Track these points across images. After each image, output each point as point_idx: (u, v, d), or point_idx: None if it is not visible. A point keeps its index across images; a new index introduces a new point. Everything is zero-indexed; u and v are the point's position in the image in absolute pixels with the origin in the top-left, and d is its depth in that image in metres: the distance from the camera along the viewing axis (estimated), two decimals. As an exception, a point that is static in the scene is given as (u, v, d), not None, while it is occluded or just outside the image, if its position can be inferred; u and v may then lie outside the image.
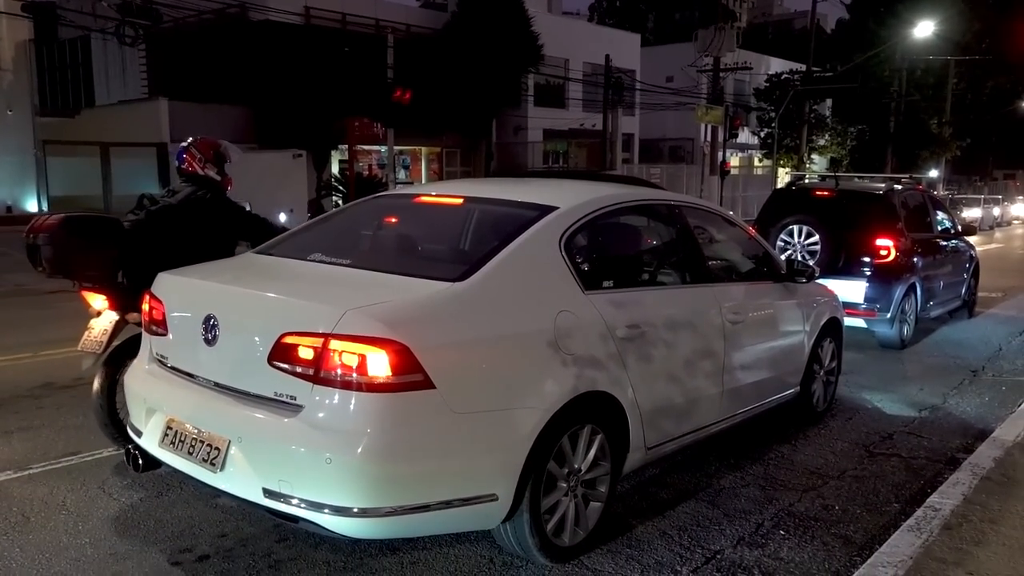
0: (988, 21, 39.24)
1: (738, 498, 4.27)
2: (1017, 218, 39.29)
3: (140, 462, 3.52)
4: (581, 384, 3.38)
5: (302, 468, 2.88)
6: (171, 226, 4.56)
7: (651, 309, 3.96)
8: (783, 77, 34.34)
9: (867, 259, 7.98)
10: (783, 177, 36.16)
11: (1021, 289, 13.39)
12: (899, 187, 8.95)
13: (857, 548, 3.72)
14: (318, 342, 2.88)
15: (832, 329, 5.73)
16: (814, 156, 36.65)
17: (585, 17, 58.70)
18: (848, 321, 7.23)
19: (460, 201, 4.25)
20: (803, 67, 33.49)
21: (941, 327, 9.51)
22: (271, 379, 3.01)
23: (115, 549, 3.54)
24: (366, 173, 27.18)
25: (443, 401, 2.93)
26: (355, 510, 2.84)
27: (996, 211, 35.26)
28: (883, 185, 8.96)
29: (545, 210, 3.70)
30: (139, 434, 3.53)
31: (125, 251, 4.31)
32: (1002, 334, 9.14)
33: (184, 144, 5.04)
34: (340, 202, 25.29)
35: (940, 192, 38.44)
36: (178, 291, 3.59)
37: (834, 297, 5.93)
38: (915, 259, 8.31)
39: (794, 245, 8.07)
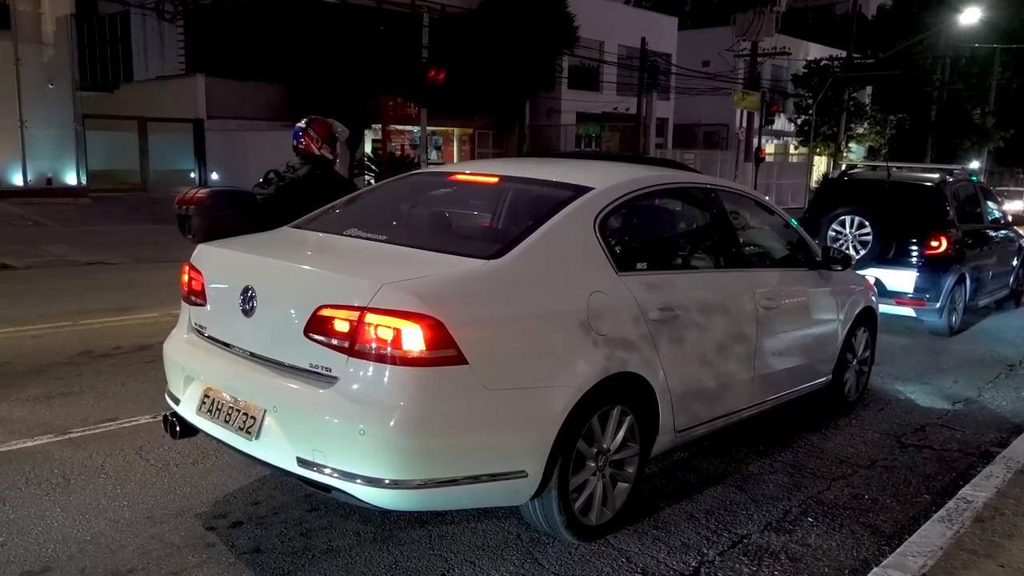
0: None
1: (766, 484, 4.26)
2: None
3: (178, 429, 3.58)
4: (612, 365, 3.40)
5: (336, 438, 2.93)
6: (296, 200, 4.72)
7: (685, 292, 3.95)
8: (822, 63, 33.72)
9: (918, 250, 8.11)
10: (819, 165, 35.71)
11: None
12: (951, 178, 8.91)
13: (886, 538, 3.70)
14: (354, 315, 2.91)
15: (866, 318, 5.69)
16: (851, 144, 36.03)
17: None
18: (898, 310, 8.09)
19: (495, 180, 4.25)
20: (843, 53, 32.88)
21: (979, 320, 9.35)
22: (307, 350, 3.04)
23: (152, 512, 3.63)
24: (398, 153, 27.27)
25: (475, 377, 2.96)
26: (387, 481, 2.89)
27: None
28: (936, 176, 8.89)
29: (580, 190, 3.69)
30: (177, 401, 3.60)
31: (259, 222, 4.41)
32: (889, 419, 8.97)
33: (301, 125, 5.30)
34: (372, 181, 25.45)
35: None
36: (217, 262, 3.65)
37: (870, 286, 5.88)
38: (965, 250, 8.41)
39: (845, 235, 8.21)
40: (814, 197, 9.58)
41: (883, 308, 7.52)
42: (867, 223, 8.09)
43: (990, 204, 9.75)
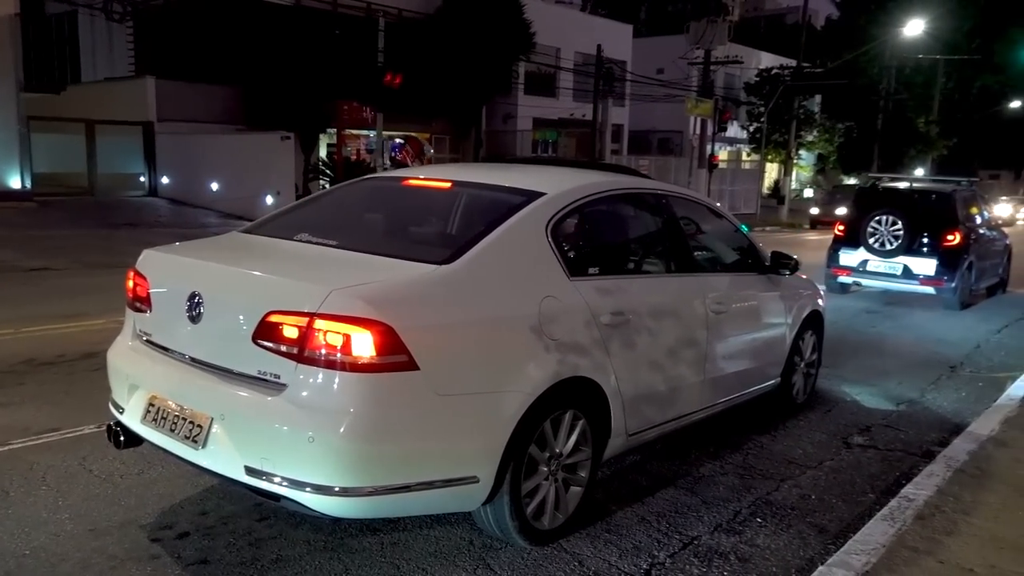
0: (978, 21, 39.43)
1: (716, 486, 4.32)
2: (1000, 218, 39.54)
3: (121, 439, 3.47)
4: (564, 369, 3.41)
5: (285, 446, 2.88)
6: None
7: (636, 297, 3.98)
8: (773, 72, 34.41)
9: (937, 242, 10.34)
10: (771, 172, 36.35)
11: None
12: (959, 187, 11.42)
13: (832, 536, 3.77)
14: (303, 321, 2.87)
15: (813, 322, 5.81)
16: (802, 152, 36.80)
17: (578, 6, 58.46)
18: (922, 289, 10.52)
19: (448, 185, 4.24)
20: (794, 63, 33.58)
21: (923, 323, 9.61)
22: (255, 357, 2.99)
23: (95, 525, 3.55)
24: (354, 157, 27.05)
25: (427, 382, 2.94)
26: (336, 489, 2.85)
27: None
28: (948, 186, 11.42)
29: (532, 196, 3.70)
30: (121, 410, 3.51)
31: None
32: (982, 331, 9.25)
33: (400, 141, 6.06)
34: (327, 186, 25.19)
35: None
36: (162, 268, 3.57)
37: (817, 290, 6.01)
38: (970, 244, 10.63)
39: (882, 231, 10.53)
40: (853, 202, 11.76)
41: (909, 287, 10.69)
42: (899, 221, 10.37)
43: (984, 209, 12.04)
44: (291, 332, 2.90)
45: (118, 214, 17.04)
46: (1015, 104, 41.66)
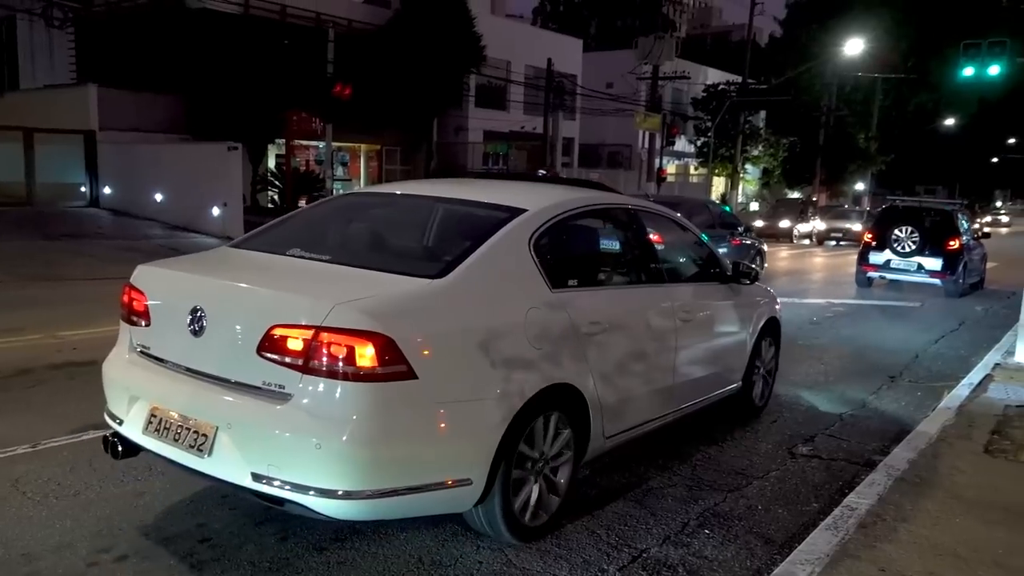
0: (913, 41, 40.84)
1: (665, 498, 4.35)
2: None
3: (119, 449, 3.53)
4: (548, 377, 3.60)
5: (291, 453, 3.00)
6: None
7: (611, 307, 4.20)
8: (719, 88, 35.11)
9: (943, 246, 13.85)
10: (718, 186, 37.02)
11: (939, 299, 13.93)
12: (956, 206, 15.60)
13: (778, 546, 3.83)
14: (308, 334, 2.99)
15: (771, 329, 6.05)
16: (748, 166, 37.56)
17: (528, 20, 58.95)
18: (931, 280, 14.11)
19: (432, 201, 4.44)
20: (739, 79, 34.31)
21: (865, 333, 9.86)
22: (259, 369, 3.10)
23: (28, 550, 3.41)
24: (303, 168, 26.77)
25: (424, 391, 3.10)
26: (340, 492, 2.98)
27: None
28: (949, 206, 15.29)
29: (515, 212, 3.86)
30: (119, 421, 3.56)
31: None
32: (920, 341, 9.53)
33: (543, 172, 6.94)
34: (276, 197, 24.86)
35: (867, 205, 39.80)
36: (161, 283, 3.66)
37: (774, 298, 6.24)
38: (965, 249, 14.03)
39: (902, 237, 14.09)
40: (879, 216, 15.79)
41: (921, 279, 14.21)
42: (916, 231, 14.00)
43: (970, 224, 15.92)
44: (295, 344, 3.02)
45: (57, 225, 16.55)
46: (949, 121, 43.21)
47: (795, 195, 38.81)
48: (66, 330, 7.76)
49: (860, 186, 42.75)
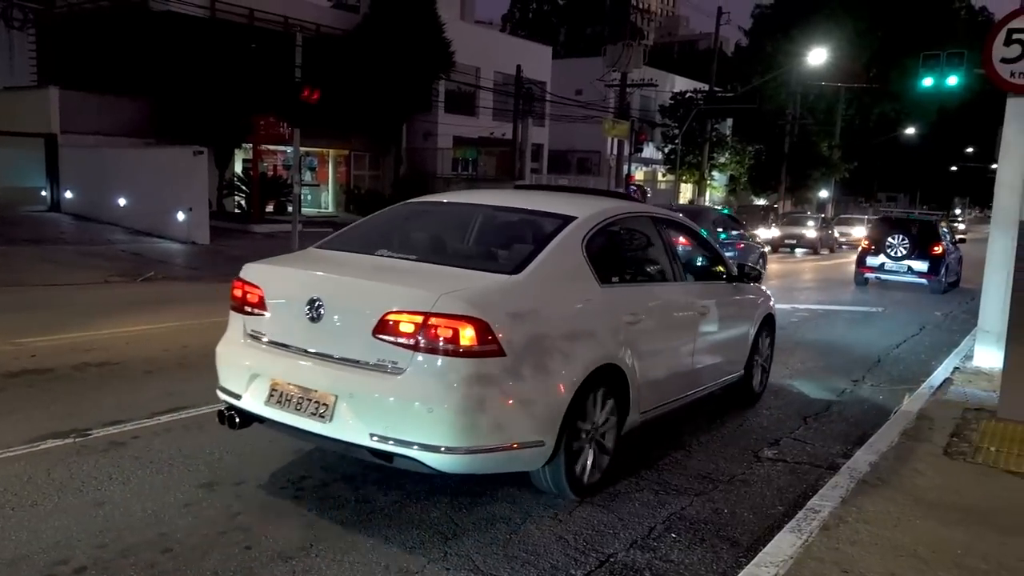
0: (875, 51, 41.63)
1: (632, 503, 4.37)
2: None
3: (237, 420, 4.13)
4: (600, 358, 4.26)
5: (405, 416, 3.61)
6: None
7: (646, 301, 4.91)
8: (687, 96, 35.45)
9: (928, 251, 16.19)
10: (686, 192, 37.36)
11: (901, 304, 14.21)
12: (939, 217, 18.74)
13: (743, 550, 3.86)
14: (419, 319, 3.61)
15: (768, 324, 6.74)
16: (715, 173, 37.96)
17: (498, 27, 59.10)
18: (919, 280, 16.27)
19: (493, 209, 5.11)
20: (706, 87, 34.68)
21: (829, 339, 10.01)
22: (375, 348, 3.72)
23: (-17, 562, 3.33)
24: (271, 173, 26.53)
25: (510, 365, 3.74)
26: (442, 449, 3.60)
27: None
28: (933, 217, 18.64)
29: (568, 219, 4.52)
30: (237, 396, 4.13)
31: None
32: (882, 346, 9.69)
33: (635, 187, 11.18)
34: (243, 203, 24.58)
35: (830, 212, 40.35)
36: (277, 278, 4.25)
37: (769, 296, 6.89)
38: (946, 253, 16.35)
39: (895, 244, 16.29)
40: (873, 225, 19.05)
41: (911, 279, 16.38)
42: (907, 238, 16.27)
43: (949, 232, 18.60)
44: (407, 327, 3.64)
45: (17, 230, 16.20)
46: (910, 130, 44.09)
47: (761, 202, 39.31)
48: (25, 337, 7.60)
49: (824, 193, 43.41)
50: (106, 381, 6.28)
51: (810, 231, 28.26)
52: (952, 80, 16.20)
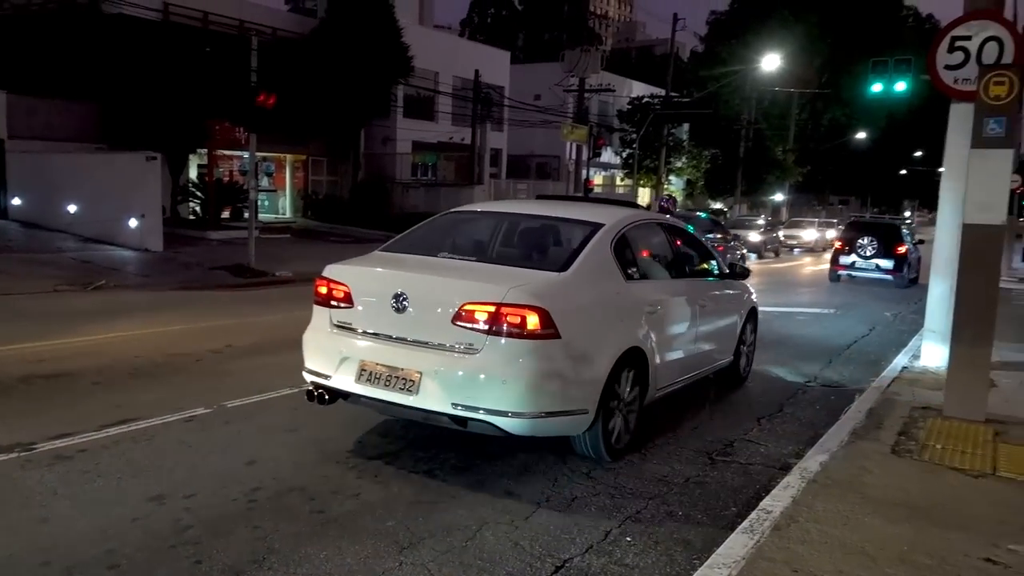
0: (826, 58, 42.49)
1: (589, 507, 4.40)
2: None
3: (327, 397, 4.91)
4: (628, 341, 5.08)
5: (482, 388, 4.40)
6: None
7: (661, 294, 5.69)
8: (644, 101, 35.79)
9: (893, 251, 18.21)
10: (644, 196, 37.68)
11: (852, 306, 14.50)
12: (901, 220, 23.31)
13: (697, 551, 3.90)
14: (491, 308, 4.40)
15: (752, 317, 7.64)
16: (672, 177, 38.36)
17: (456, 32, 59.07)
18: (885, 277, 18.25)
19: (531, 218, 5.91)
20: (663, 92, 35.06)
21: (781, 340, 10.17)
22: (454, 333, 4.50)
23: (-80, 583, 3.23)
24: (227, 179, 26.16)
25: (565, 346, 4.53)
26: (510, 414, 4.39)
27: (832, 233, 37.45)
28: (897, 221, 22.04)
29: (597, 226, 5.31)
30: (327, 377, 4.87)
31: None
32: (834, 347, 9.89)
33: (663, 204, 13.20)
34: (198, 209, 24.19)
35: (785, 215, 41.02)
36: (363, 277, 5.02)
37: (752, 293, 7.79)
38: (908, 253, 18.37)
39: (865, 244, 18.28)
40: (847, 227, 20.90)
41: (878, 276, 18.26)
42: (875, 239, 18.31)
43: (911, 234, 20.49)
44: (482, 315, 4.43)
45: (-39, 238, 15.77)
46: (861, 135, 45.07)
47: (717, 205, 39.83)
48: (-32, 349, 7.38)
49: (780, 196, 44.17)
50: (54, 393, 6.14)
51: (753, 235, 28.22)
52: (900, 86, 16.57)
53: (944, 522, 4.16)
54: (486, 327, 4.40)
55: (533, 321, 4.38)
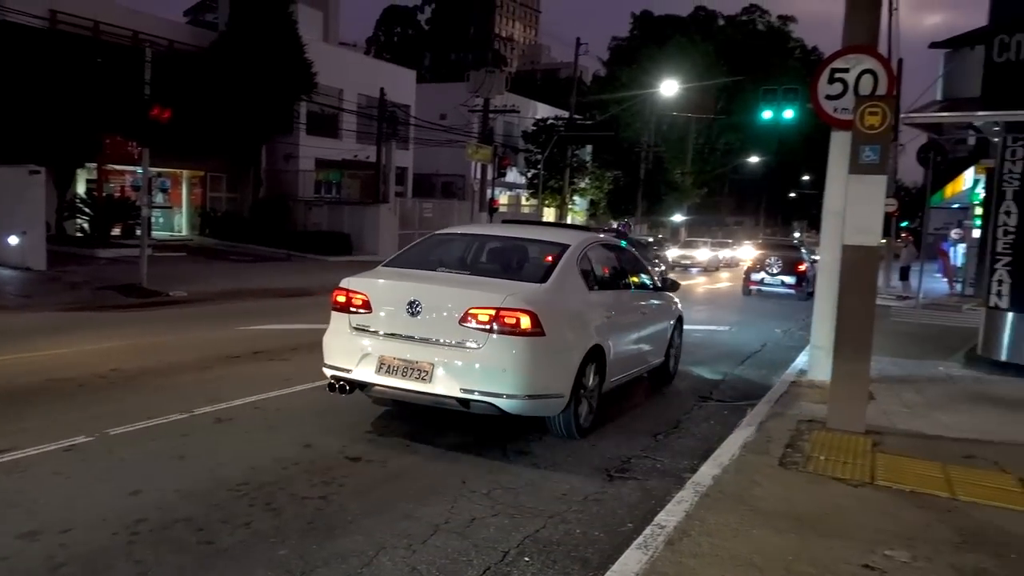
0: (720, 84, 44.27)
1: (488, 527, 4.38)
2: (744, 260, 42.81)
3: (348, 388, 5.92)
4: (593, 340, 6.26)
5: (484, 375, 5.50)
6: None
7: (615, 302, 6.97)
8: (548, 122, 36.38)
9: (795, 269, 21.01)
10: (548, 216, 38.22)
11: (745, 323, 15.07)
12: (799, 240, 27.47)
13: (593, 569, 3.95)
14: (492, 311, 5.50)
15: (679, 324, 8.94)
16: (576, 197, 39.05)
17: (362, 49, 58.63)
18: (789, 291, 21.26)
19: (509, 239, 7.08)
20: (567, 114, 35.71)
21: (686, 359, 10.44)
22: (459, 333, 5.58)
23: None
24: (118, 194, 25.05)
25: (549, 342, 5.63)
26: (504, 396, 5.49)
27: (726, 253, 38.84)
28: (797, 242, 26.00)
29: (565, 246, 6.51)
30: (348, 371, 5.87)
31: None
32: (728, 363, 10.24)
33: (621, 228, 23.03)
34: (86, 226, 23.02)
35: (683, 235, 42.34)
36: (380, 287, 6.04)
37: (679, 303, 9.10)
38: (808, 270, 20.53)
39: (771, 263, 21.18)
40: (759, 247, 24.24)
41: (782, 290, 21.38)
42: (780, 259, 21.28)
43: (810, 253, 22.62)
44: (484, 317, 5.51)
45: None
46: (754, 159, 47.11)
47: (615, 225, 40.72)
48: None
49: (679, 217, 45.59)
50: (-85, 424, 5.70)
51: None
52: (788, 113, 17.47)
53: (827, 531, 4.34)
54: (488, 327, 5.49)
55: (526, 322, 5.48)
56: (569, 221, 36.56)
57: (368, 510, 4.51)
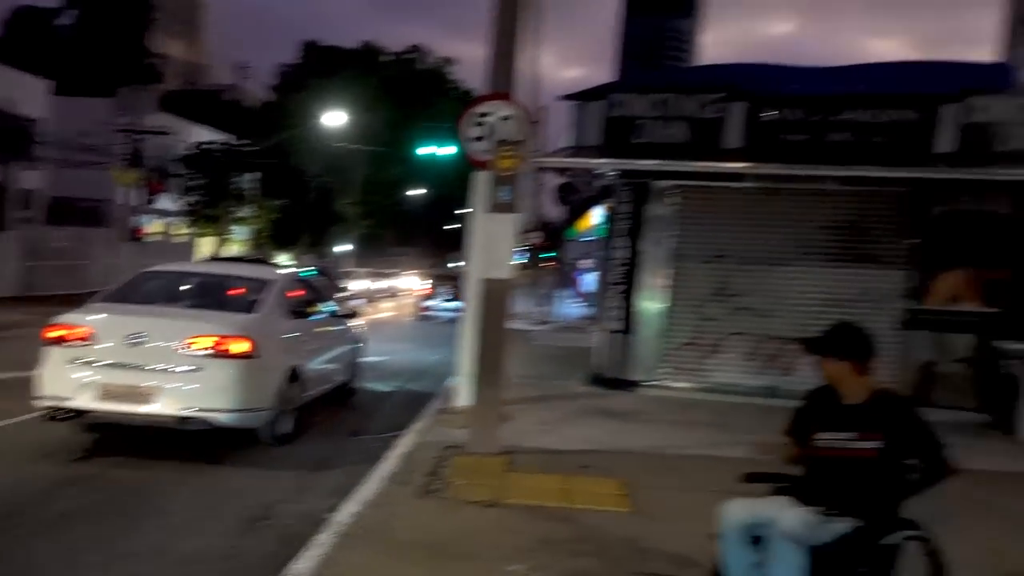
0: (388, 118, 45.54)
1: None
2: (407, 290, 41.80)
3: (69, 414, 6.45)
4: (293, 361, 7.50)
5: (207, 395, 6.37)
6: None
7: (309, 328, 8.24)
8: (207, 147, 34.44)
9: (459, 296, 17.76)
10: (205, 246, 36.04)
11: (399, 352, 15.47)
12: (459, 270, 23.84)
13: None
14: (213, 339, 6.42)
15: (361, 348, 10.37)
16: (236, 227, 37.26)
17: (-20, 51, 50.46)
18: (455, 315, 16.57)
19: (220, 276, 8.26)
20: (232, 138, 34.07)
21: (333, 392, 10.36)
22: (182, 359, 6.36)
23: None
24: None
25: (260, 364, 6.65)
26: (223, 411, 6.47)
27: (387, 283, 39.72)
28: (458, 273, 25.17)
29: (268, 280, 7.75)
30: (67, 399, 6.38)
31: None
32: (379, 394, 10.40)
33: (326, 265, 27.94)
34: None
35: (352, 266, 42.53)
36: (102, 320, 6.66)
37: (362, 328, 10.69)
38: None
39: (443, 292, 25.35)
40: (435, 278, 27.90)
41: (451, 315, 20.86)
42: (450, 287, 24.55)
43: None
44: (206, 344, 6.39)
45: None
46: (418, 192, 49.01)
47: (282, 257, 39.69)
48: None
49: (347, 247, 45.68)
50: None
51: None
52: (451, 150, 18.59)
53: (457, 555, 4.57)
54: (209, 352, 6.35)
55: (244, 347, 6.46)
56: (235, 252, 34.88)
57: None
